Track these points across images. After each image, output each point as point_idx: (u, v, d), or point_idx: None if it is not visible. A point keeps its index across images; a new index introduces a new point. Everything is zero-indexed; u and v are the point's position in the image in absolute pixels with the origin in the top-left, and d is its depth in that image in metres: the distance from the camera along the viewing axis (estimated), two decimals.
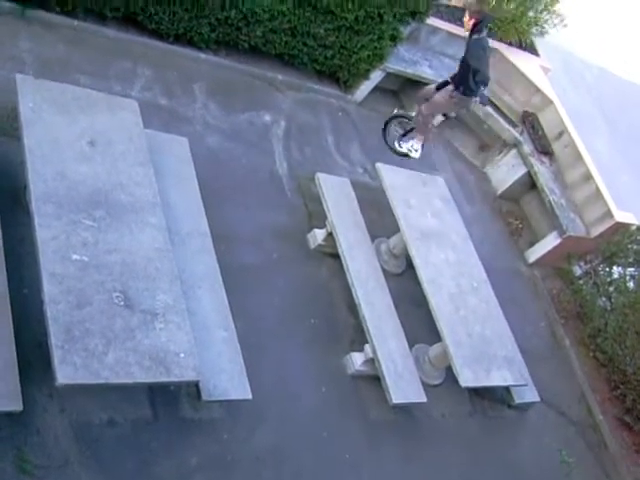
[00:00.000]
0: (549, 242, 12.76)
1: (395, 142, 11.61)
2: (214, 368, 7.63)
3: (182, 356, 6.97)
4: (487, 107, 13.63)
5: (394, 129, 12.01)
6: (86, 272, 6.90)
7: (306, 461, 8.34)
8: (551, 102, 13.76)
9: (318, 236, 10.14)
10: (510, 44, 13.94)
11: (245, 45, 11.29)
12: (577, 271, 13.08)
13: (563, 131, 13.49)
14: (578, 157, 13.18)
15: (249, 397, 7.79)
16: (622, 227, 12.58)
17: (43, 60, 9.58)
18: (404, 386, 9.03)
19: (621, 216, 12.55)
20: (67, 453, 6.95)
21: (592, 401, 11.60)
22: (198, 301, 7.97)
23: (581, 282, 12.86)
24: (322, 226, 10.10)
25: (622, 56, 20.62)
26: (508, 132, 13.53)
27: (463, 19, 10.65)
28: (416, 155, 11.30)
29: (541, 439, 10.57)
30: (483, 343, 9.50)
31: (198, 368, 7.06)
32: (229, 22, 10.77)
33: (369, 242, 10.16)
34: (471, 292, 9.92)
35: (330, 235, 9.96)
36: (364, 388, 9.31)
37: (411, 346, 9.56)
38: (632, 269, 12.79)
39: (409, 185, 10.59)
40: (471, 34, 10.61)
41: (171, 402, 7.75)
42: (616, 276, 12.80)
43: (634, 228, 12.65)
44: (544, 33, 14.39)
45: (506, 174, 13.62)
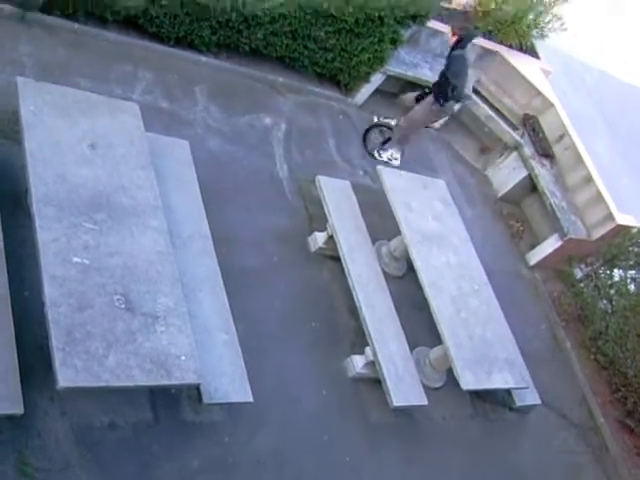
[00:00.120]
0: (550, 245, 12.76)
1: (375, 151, 11.86)
2: (215, 371, 7.63)
3: (183, 359, 6.97)
4: (488, 110, 13.68)
5: (374, 137, 12.14)
6: (87, 275, 6.90)
7: (307, 464, 8.33)
8: (552, 105, 13.77)
9: (319, 239, 10.14)
10: (510, 47, 13.93)
11: (246, 48, 11.29)
12: (578, 274, 13.08)
13: (564, 134, 13.48)
14: (579, 160, 13.19)
15: (250, 400, 7.79)
16: (623, 229, 12.58)
17: (44, 63, 9.57)
18: (405, 389, 9.03)
19: (622, 219, 12.55)
20: (68, 456, 6.95)
21: (593, 404, 11.59)
22: (199, 304, 7.96)
23: (582, 285, 12.86)
24: (323, 229, 10.10)
25: (623, 57, 20.61)
26: (509, 135, 13.53)
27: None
28: (396, 163, 11.58)
29: (542, 442, 10.57)
30: (484, 345, 9.49)
31: (199, 371, 7.05)
32: (230, 25, 10.77)
33: (370, 245, 10.16)
34: (472, 295, 9.92)
35: (331, 238, 9.96)
36: (365, 391, 9.31)
37: (412, 349, 9.55)
38: (633, 272, 12.80)
39: (410, 188, 10.59)
40: (453, 49, 10.79)
41: (172, 405, 7.74)
42: (617, 279, 12.80)
43: (635, 231, 12.65)
44: (544, 36, 14.38)
45: (507, 177, 13.62)
